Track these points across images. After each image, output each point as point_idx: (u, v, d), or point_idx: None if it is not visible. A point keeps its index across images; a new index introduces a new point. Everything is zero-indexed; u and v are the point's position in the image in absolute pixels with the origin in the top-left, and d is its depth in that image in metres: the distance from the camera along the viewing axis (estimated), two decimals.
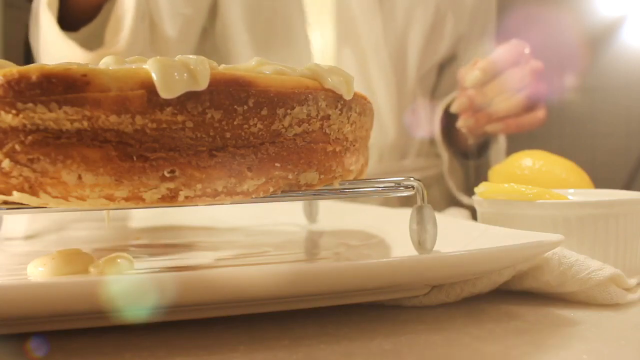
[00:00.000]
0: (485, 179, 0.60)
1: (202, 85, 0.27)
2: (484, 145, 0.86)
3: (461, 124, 0.74)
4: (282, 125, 0.30)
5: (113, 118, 0.27)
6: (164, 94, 0.27)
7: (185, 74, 0.27)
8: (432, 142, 0.91)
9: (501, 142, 0.85)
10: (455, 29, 0.91)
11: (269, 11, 0.86)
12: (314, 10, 0.85)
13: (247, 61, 0.32)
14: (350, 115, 0.34)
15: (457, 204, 0.83)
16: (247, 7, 0.85)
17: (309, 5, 0.85)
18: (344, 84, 0.33)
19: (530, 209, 0.37)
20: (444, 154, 0.85)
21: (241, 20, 0.86)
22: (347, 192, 0.35)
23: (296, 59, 0.85)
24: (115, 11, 0.72)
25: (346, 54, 0.85)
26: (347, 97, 0.33)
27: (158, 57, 0.28)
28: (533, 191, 0.38)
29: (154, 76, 0.27)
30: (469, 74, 0.71)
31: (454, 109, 0.74)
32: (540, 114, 0.72)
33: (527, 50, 0.71)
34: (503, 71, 0.70)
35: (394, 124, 0.89)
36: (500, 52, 0.71)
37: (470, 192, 0.85)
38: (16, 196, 0.27)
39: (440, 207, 0.72)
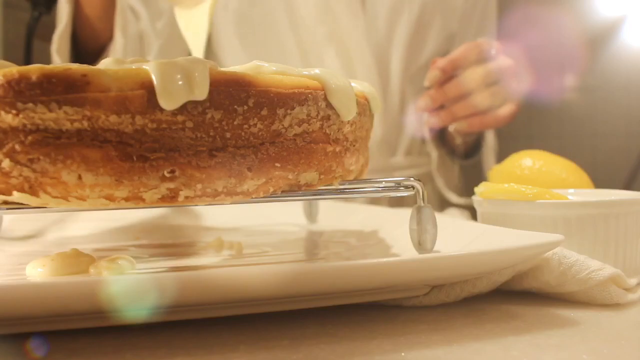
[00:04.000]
0: (476, 178, 0.59)
1: (202, 96, 0.27)
2: (475, 145, 0.86)
3: (427, 123, 0.74)
4: (282, 125, 0.30)
5: (113, 118, 0.27)
6: (164, 105, 0.27)
7: (185, 85, 0.27)
8: (423, 140, 0.91)
9: (490, 142, 0.85)
10: (444, 29, 0.91)
11: (257, 18, 0.88)
12: (298, 12, 0.86)
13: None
14: None
15: (446, 202, 0.83)
16: (237, 15, 0.89)
17: (294, 8, 0.86)
18: (345, 108, 0.33)
19: (530, 209, 0.37)
20: (434, 152, 0.86)
21: (232, 28, 0.89)
22: (347, 192, 0.35)
23: (284, 61, 0.86)
24: (111, 53, 0.84)
25: (330, 54, 0.85)
26: (344, 119, 0.33)
27: (159, 61, 0.28)
28: (533, 191, 0.38)
29: (155, 83, 0.27)
30: (429, 73, 0.71)
31: (417, 108, 0.75)
32: (504, 111, 0.72)
33: (493, 51, 0.71)
34: (464, 70, 0.70)
35: (381, 122, 0.89)
36: (460, 52, 0.71)
37: (459, 191, 0.85)
38: (16, 196, 0.27)
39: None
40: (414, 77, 0.91)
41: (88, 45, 0.85)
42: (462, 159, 0.87)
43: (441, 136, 0.86)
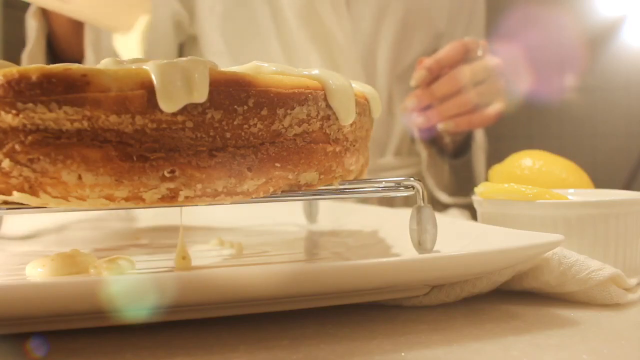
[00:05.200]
0: (466, 177, 0.59)
1: (202, 98, 0.27)
2: (464, 144, 0.86)
3: (415, 122, 0.74)
4: (282, 125, 0.30)
5: (113, 118, 0.27)
6: (164, 107, 0.27)
7: (185, 88, 0.27)
8: (412, 140, 0.91)
9: (479, 140, 0.85)
10: (430, 28, 0.91)
11: (242, 20, 0.88)
12: (282, 14, 0.86)
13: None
14: None
15: (436, 202, 0.83)
16: (222, 17, 0.89)
17: (279, 9, 0.86)
18: (345, 110, 0.33)
19: (530, 209, 0.37)
20: (423, 152, 0.86)
21: (217, 30, 0.89)
22: (347, 192, 0.35)
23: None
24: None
25: (314, 55, 0.85)
26: (343, 123, 0.33)
27: (159, 62, 0.28)
28: (533, 191, 0.38)
29: (156, 85, 0.27)
30: (415, 73, 0.71)
31: (403, 108, 0.74)
32: (492, 110, 0.72)
33: (480, 49, 0.71)
34: (450, 69, 0.70)
35: None
36: (446, 51, 0.71)
37: (449, 191, 0.85)
38: (16, 196, 0.27)
39: None
40: (401, 77, 0.91)
41: (67, 58, 0.84)
42: (451, 158, 0.87)
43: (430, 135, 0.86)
